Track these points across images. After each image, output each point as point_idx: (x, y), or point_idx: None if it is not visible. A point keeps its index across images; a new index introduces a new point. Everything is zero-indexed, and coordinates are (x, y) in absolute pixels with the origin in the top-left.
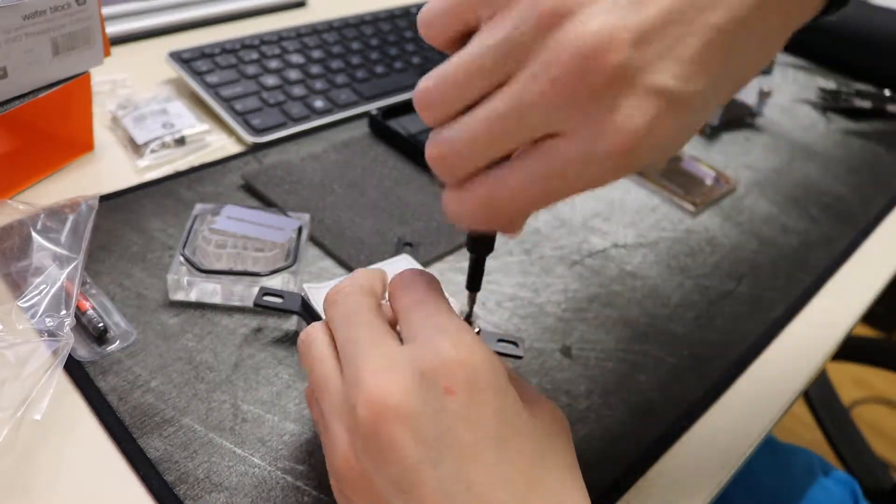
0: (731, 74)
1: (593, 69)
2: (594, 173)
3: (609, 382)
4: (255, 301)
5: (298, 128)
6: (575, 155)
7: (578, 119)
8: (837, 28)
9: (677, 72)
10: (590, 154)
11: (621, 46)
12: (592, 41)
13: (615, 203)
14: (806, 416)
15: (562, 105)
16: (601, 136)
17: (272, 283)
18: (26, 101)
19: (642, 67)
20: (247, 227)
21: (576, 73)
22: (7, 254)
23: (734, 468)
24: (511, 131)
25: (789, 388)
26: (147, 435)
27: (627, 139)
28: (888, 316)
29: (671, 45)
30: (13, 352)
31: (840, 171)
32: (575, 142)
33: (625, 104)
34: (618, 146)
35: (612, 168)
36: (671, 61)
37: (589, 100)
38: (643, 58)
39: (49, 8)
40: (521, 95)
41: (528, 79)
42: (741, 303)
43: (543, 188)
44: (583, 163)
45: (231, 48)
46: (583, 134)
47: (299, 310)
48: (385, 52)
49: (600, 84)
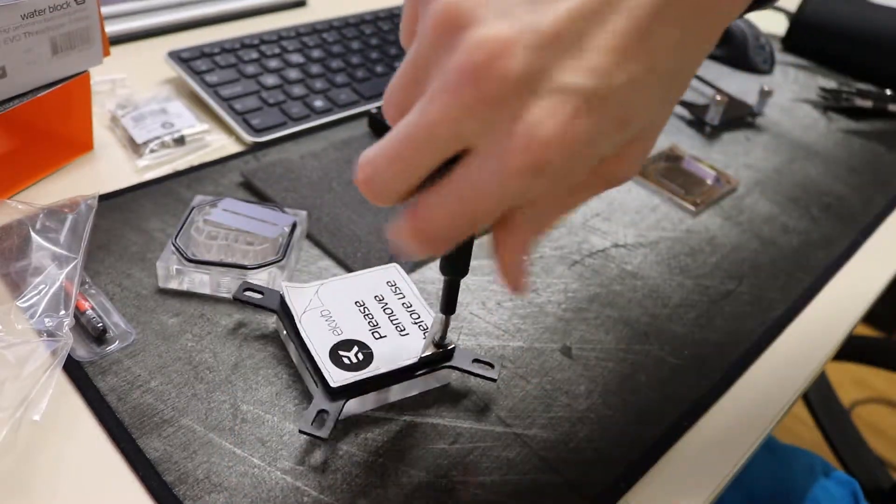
0: (657, 67)
1: (486, 77)
2: (513, 188)
3: (609, 382)
4: (235, 295)
5: (298, 127)
6: (486, 171)
7: (485, 132)
8: (838, 27)
9: (591, 66)
10: (501, 169)
11: (518, 49)
12: (487, 48)
13: (615, 203)
14: (806, 417)
15: (463, 118)
16: (508, 147)
17: (259, 277)
18: (25, 101)
19: (548, 68)
20: (241, 221)
21: (470, 82)
22: (6, 254)
23: (734, 469)
24: (423, 150)
25: (789, 389)
26: (146, 435)
27: (536, 148)
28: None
29: (581, 43)
30: (12, 352)
31: (841, 171)
32: (485, 157)
33: (530, 111)
34: (527, 156)
35: (529, 182)
36: (582, 59)
37: (490, 111)
38: (548, 58)
39: (48, 7)
40: (426, 111)
41: (430, 94)
42: (742, 303)
43: (465, 210)
44: (497, 178)
45: (231, 48)
46: (491, 148)
47: (277, 308)
48: (385, 52)
49: (497, 92)
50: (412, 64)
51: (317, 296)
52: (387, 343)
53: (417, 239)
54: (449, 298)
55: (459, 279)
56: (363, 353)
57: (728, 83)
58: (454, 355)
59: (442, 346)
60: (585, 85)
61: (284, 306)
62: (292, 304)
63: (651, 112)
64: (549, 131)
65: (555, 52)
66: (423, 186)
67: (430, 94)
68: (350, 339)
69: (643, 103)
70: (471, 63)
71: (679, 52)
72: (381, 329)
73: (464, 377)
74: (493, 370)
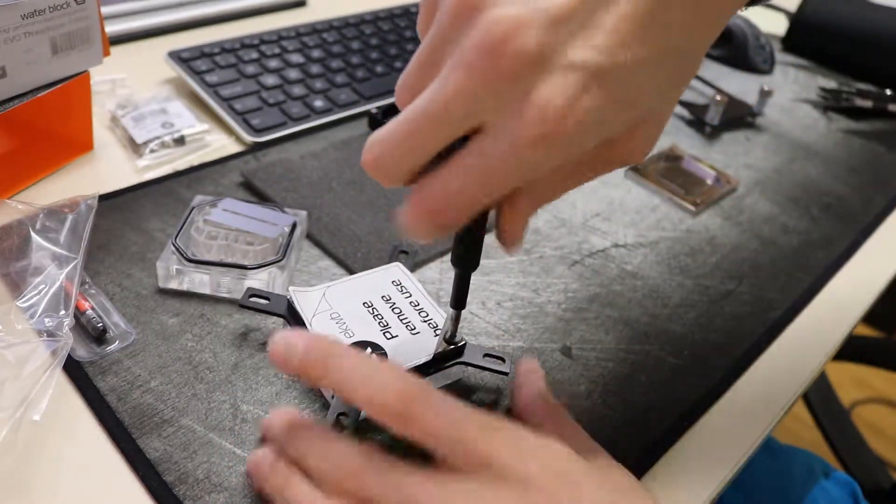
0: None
1: (503, 53)
2: (527, 161)
3: (609, 382)
4: (241, 302)
5: (298, 127)
6: (501, 145)
7: (498, 107)
8: (838, 27)
9: (598, 44)
10: (515, 141)
11: (532, 28)
12: (503, 26)
13: (615, 203)
14: (806, 417)
15: (479, 95)
16: (521, 121)
17: (259, 277)
18: (25, 101)
19: (559, 46)
20: (241, 221)
21: (487, 59)
22: (6, 254)
23: (734, 469)
24: (436, 127)
25: (790, 389)
26: (146, 435)
27: (548, 121)
28: (888, 316)
29: (590, 23)
30: (12, 352)
31: (841, 171)
32: (499, 131)
33: (542, 86)
34: (540, 128)
35: (543, 153)
36: (590, 36)
37: (505, 86)
38: (559, 36)
39: (48, 7)
40: (442, 88)
41: (446, 72)
42: (742, 303)
43: (480, 183)
44: (510, 151)
45: (231, 48)
46: (505, 122)
47: (284, 313)
48: (385, 52)
49: (512, 68)
50: (429, 47)
51: (324, 299)
52: (399, 342)
53: (429, 217)
54: (459, 293)
55: (470, 273)
56: (377, 353)
57: (728, 83)
58: (465, 351)
59: (453, 342)
60: (593, 61)
61: (293, 311)
62: (301, 309)
63: (658, 93)
64: (560, 104)
65: (566, 31)
66: (426, 171)
67: (445, 71)
68: (363, 341)
69: (650, 83)
70: (487, 40)
71: (685, 34)
72: (392, 329)
73: (473, 372)
74: (504, 364)
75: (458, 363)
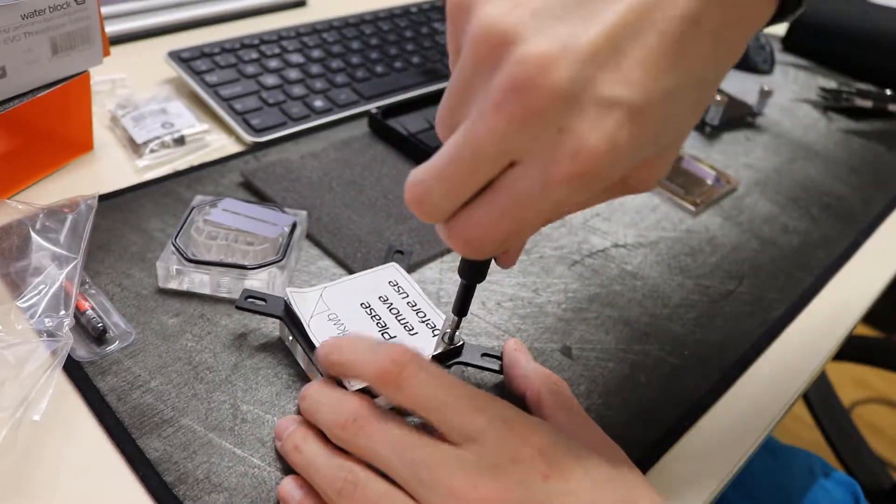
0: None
1: (532, 90)
2: (558, 197)
3: (609, 382)
4: (238, 304)
5: (298, 127)
6: (533, 182)
7: (529, 145)
8: (838, 27)
9: (629, 79)
10: (547, 179)
11: (561, 65)
12: (531, 64)
13: (615, 203)
14: (806, 417)
15: (510, 133)
16: (553, 159)
17: (259, 278)
18: (25, 101)
19: (588, 82)
20: (240, 221)
21: (516, 97)
22: (6, 254)
23: (734, 469)
24: (471, 169)
25: (790, 389)
26: (146, 435)
27: (581, 158)
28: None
29: (619, 57)
30: (12, 352)
31: (841, 171)
32: (531, 169)
33: (574, 123)
34: (574, 165)
35: (574, 190)
36: (619, 70)
37: (536, 123)
38: (588, 72)
39: (48, 7)
40: (473, 129)
41: (477, 112)
42: (742, 303)
43: (512, 219)
44: (543, 187)
45: (230, 48)
46: (537, 160)
47: (281, 314)
48: (385, 52)
49: (541, 106)
50: (457, 85)
51: (321, 300)
52: (397, 343)
53: (464, 246)
54: (463, 302)
55: (476, 284)
56: None
57: (728, 83)
58: (463, 351)
59: (451, 343)
60: (625, 96)
61: (290, 312)
62: (299, 310)
63: (682, 122)
64: (596, 141)
65: (596, 65)
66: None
67: (475, 113)
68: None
69: (676, 114)
70: (516, 79)
71: (710, 64)
72: (390, 330)
73: (472, 373)
74: (501, 363)
75: (457, 363)
